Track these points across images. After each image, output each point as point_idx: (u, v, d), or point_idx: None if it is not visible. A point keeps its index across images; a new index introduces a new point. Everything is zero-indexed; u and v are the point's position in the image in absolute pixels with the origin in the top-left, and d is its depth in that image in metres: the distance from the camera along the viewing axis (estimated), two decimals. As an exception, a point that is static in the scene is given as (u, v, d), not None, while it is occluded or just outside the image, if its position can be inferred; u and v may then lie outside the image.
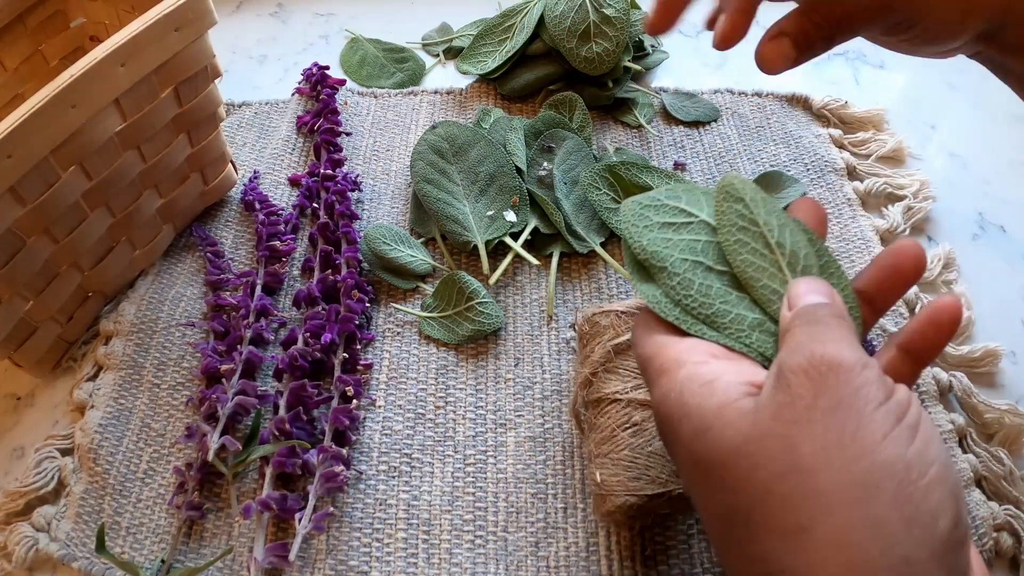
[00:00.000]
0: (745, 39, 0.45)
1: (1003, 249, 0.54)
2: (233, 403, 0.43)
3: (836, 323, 0.26)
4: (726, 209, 0.32)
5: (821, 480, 0.22)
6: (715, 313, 0.30)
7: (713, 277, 0.31)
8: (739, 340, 0.30)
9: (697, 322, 0.30)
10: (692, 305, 0.31)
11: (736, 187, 0.32)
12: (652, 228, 0.32)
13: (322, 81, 0.64)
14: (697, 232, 0.32)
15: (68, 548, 0.41)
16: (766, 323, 0.30)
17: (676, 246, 0.32)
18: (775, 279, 0.30)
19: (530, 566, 0.40)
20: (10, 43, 0.52)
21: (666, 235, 0.32)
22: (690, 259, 0.31)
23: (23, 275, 0.42)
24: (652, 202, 0.33)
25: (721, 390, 0.26)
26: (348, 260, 0.50)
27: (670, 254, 0.31)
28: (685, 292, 0.31)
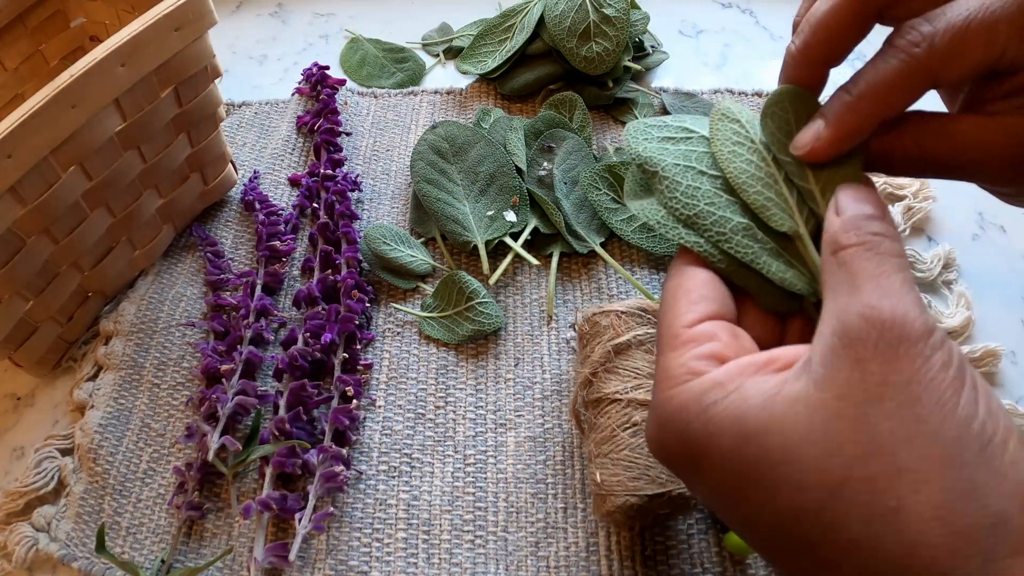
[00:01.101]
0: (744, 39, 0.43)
1: (1003, 249, 0.54)
2: (233, 403, 0.43)
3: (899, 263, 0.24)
4: (721, 127, 0.31)
5: (904, 457, 0.21)
6: (697, 214, 0.29)
7: (704, 180, 0.30)
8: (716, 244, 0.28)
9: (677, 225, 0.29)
10: (675, 206, 0.29)
11: (732, 110, 0.31)
12: (652, 140, 0.32)
13: (322, 81, 0.64)
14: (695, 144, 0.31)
15: (68, 548, 0.41)
16: (753, 229, 0.29)
17: (671, 154, 0.31)
18: (770, 188, 0.29)
19: (530, 566, 0.40)
20: (10, 43, 0.52)
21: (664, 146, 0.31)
22: (682, 164, 0.30)
23: (23, 275, 0.42)
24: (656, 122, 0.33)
25: (755, 390, 0.24)
26: (348, 260, 0.50)
27: (663, 160, 0.30)
28: (671, 194, 0.30)
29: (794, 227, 0.28)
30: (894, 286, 0.23)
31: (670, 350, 0.27)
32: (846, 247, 0.25)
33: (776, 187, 0.29)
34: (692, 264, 0.29)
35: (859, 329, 0.23)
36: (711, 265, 0.29)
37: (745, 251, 0.28)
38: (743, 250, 0.28)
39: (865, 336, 0.22)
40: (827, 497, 0.22)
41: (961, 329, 0.48)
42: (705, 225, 0.29)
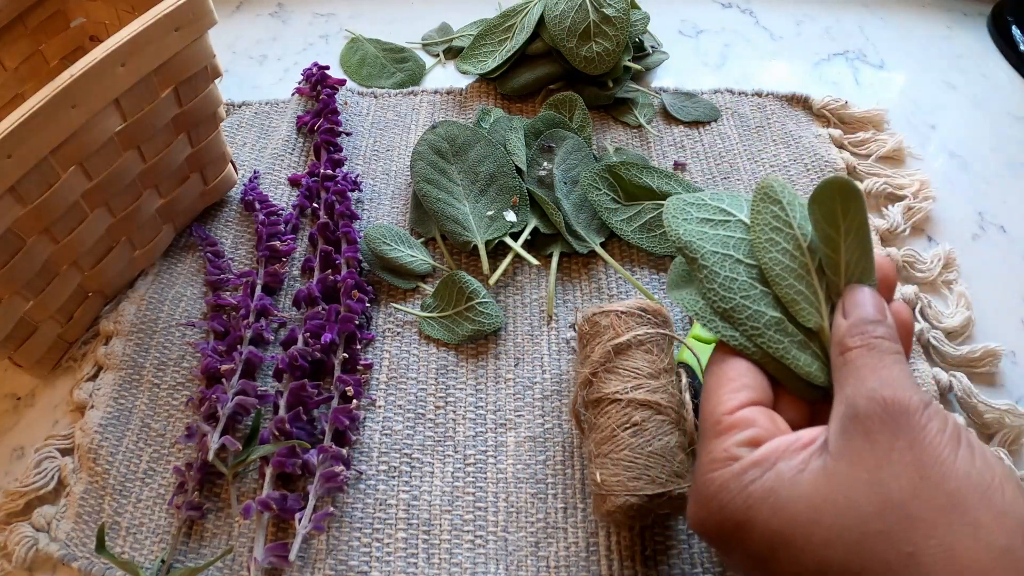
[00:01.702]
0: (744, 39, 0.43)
1: (1003, 249, 0.54)
2: (233, 403, 0.43)
3: (896, 358, 0.28)
4: (762, 209, 0.33)
5: (915, 508, 0.24)
6: (734, 307, 0.31)
7: (741, 270, 0.32)
8: (750, 338, 0.31)
9: (715, 317, 0.32)
10: (713, 298, 0.32)
11: (775, 189, 0.33)
12: (691, 222, 0.34)
13: (322, 81, 0.64)
14: (732, 229, 0.33)
15: (68, 548, 0.41)
16: (784, 323, 0.31)
17: (710, 239, 0.33)
18: (802, 281, 0.31)
19: (530, 566, 0.40)
20: (10, 43, 0.52)
21: (703, 229, 0.33)
22: (720, 251, 0.32)
23: (23, 275, 0.42)
24: (696, 200, 0.35)
25: (786, 466, 0.27)
26: (348, 260, 0.50)
27: (702, 245, 0.33)
28: (709, 284, 0.32)
29: (819, 323, 0.31)
30: (893, 375, 0.28)
31: (713, 436, 0.30)
32: (851, 348, 0.29)
33: (808, 279, 0.31)
34: (731, 353, 0.32)
35: (866, 408, 0.27)
36: (746, 355, 0.31)
37: (776, 346, 0.31)
38: (774, 345, 0.31)
39: (871, 413, 0.26)
40: (850, 550, 0.25)
41: (961, 329, 0.48)
42: (740, 319, 0.31)
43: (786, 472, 0.27)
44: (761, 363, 0.31)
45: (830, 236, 0.31)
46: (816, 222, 0.31)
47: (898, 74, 0.67)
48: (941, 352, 0.47)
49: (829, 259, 0.31)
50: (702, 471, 0.29)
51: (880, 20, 0.72)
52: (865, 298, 0.30)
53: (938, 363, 0.47)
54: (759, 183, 0.33)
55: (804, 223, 0.32)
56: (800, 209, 0.33)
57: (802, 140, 0.59)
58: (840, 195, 0.30)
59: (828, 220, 0.31)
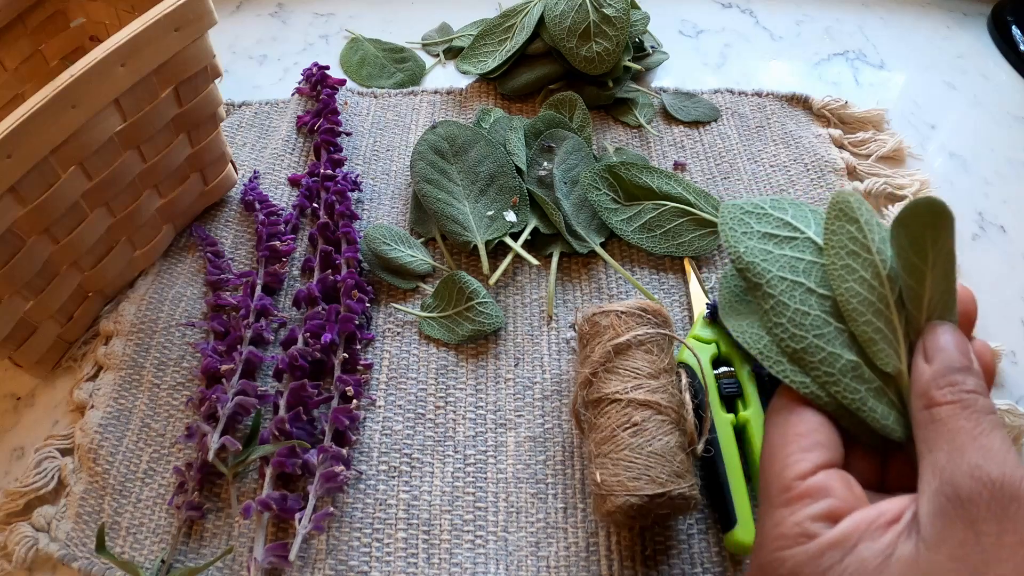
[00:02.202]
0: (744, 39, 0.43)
1: (1003, 249, 0.54)
2: (233, 403, 0.43)
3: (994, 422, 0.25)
4: (837, 229, 0.28)
5: None
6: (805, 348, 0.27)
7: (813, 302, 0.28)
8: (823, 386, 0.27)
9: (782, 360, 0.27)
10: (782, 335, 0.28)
11: (852, 206, 0.29)
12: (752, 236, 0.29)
13: (322, 81, 0.64)
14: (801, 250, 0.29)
15: (68, 548, 0.41)
16: (861, 368, 0.27)
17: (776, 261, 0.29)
18: (880, 317, 0.27)
19: (530, 566, 0.40)
20: (10, 43, 0.52)
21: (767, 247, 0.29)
22: (789, 278, 0.28)
23: (23, 275, 0.42)
24: (755, 209, 0.30)
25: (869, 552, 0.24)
26: (348, 260, 0.50)
27: (768, 269, 0.28)
28: (777, 319, 0.28)
29: (898, 366, 0.27)
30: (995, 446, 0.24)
31: (782, 505, 0.26)
32: (940, 404, 0.25)
33: (887, 314, 0.27)
34: (800, 403, 0.28)
35: (969, 490, 0.23)
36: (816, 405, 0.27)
37: (853, 396, 0.27)
38: (850, 395, 0.27)
39: (976, 497, 0.23)
40: None
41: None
42: (813, 363, 0.27)
43: (871, 559, 0.24)
44: (835, 415, 0.27)
45: (915, 265, 0.27)
46: (900, 248, 0.27)
47: (898, 74, 0.67)
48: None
49: (911, 291, 0.27)
50: (769, 547, 0.26)
51: (880, 20, 0.72)
52: (949, 340, 0.26)
53: (938, 363, 0.47)
54: (834, 197, 0.29)
55: (884, 247, 0.28)
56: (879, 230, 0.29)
57: (802, 140, 0.59)
58: (932, 219, 0.26)
59: (915, 247, 0.26)
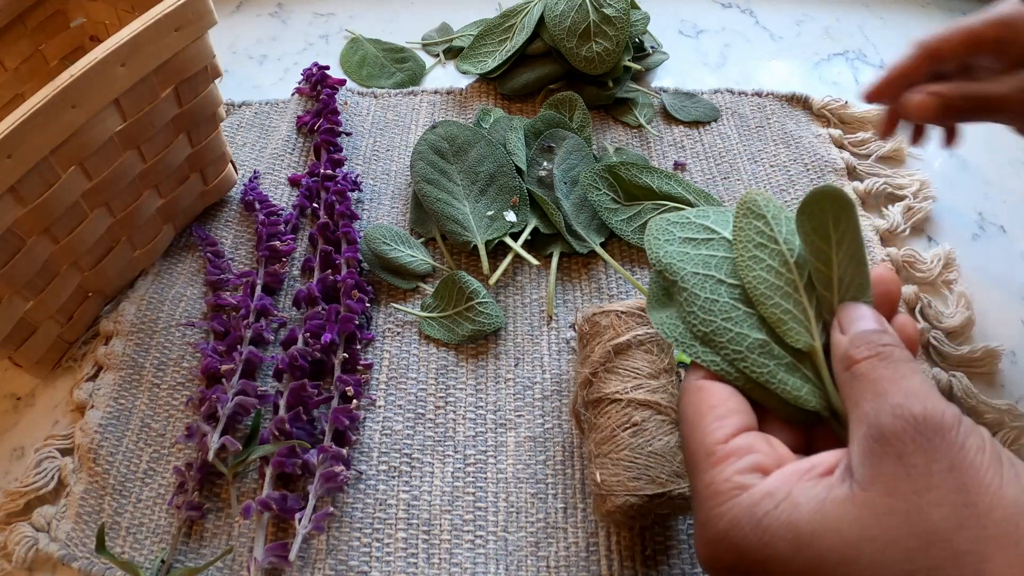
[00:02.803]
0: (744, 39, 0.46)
1: (1003, 249, 0.54)
2: (233, 403, 0.43)
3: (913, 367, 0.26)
4: (744, 225, 0.31)
5: (963, 541, 0.22)
6: (715, 331, 0.29)
7: (722, 291, 0.30)
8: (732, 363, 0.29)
9: (695, 344, 0.29)
10: (693, 321, 0.30)
11: (759, 203, 0.31)
12: (673, 242, 0.32)
13: (322, 81, 0.64)
14: (716, 248, 0.31)
15: (68, 548, 0.41)
16: (770, 345, 0.29)
17: (691, 260, 0.31)
18: (789, 299, 0.29)
19: (530, 566, 0.40)
20: (10, 43, 0.52)
21: (684, 249, 0.32)
22: (701, 272, 0.31)
23: (23, 275, 0.42)
24: (680, 219, 0.33)
25: (804, 497, 0.25)
26: (348, 260, 0.50)
27: (683, 267, 0.31)
28: (689, 308, 0.30)
29: (809, 342, 0.29)
30: (916, 386, 0.25)
31: (710, 467, 0.27)
32: (859, 361, 0.27)
33: (795, 296, 0.29)
34: (709, 378, 0.30)
35: (894, 427, 0.24)
36: (728, 380, 0.29)
37: (760, 370, 0.29)
38: (759, 369, 0.29)
39: (901, 432, 0.24)
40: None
41: (961, 329, 0.48)
42: (722, 343, 0.29)
43: (805, 503, 0.24)
44: (744, 389, 0.29)
45: (821, 249, 0.29)
46: (805, 235, 0.29)
47: (898, 74, 0.67)
48: (941, 352, 0.47)
49: (821, 274, 0.29)
50: (705, 507, 0.27)
51: (880, 20, 0.72)
52: (862, 312, 0.28)
53: (938, 363, 0.47)
54: (741, 198, 0.32)
55: (792, 238, 0.30)
56: (787, 223, 0.31)
57: (802, 140, 0.59)
58: (831, 205, 0.29)
59: (818, 232, 0.29)
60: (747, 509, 0.25)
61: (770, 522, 0.25)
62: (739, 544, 0.25)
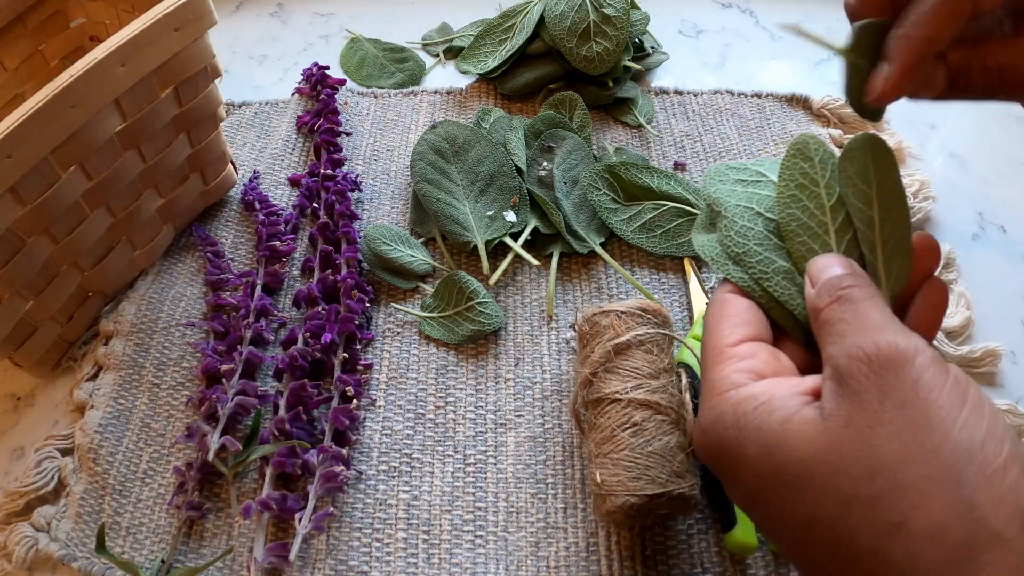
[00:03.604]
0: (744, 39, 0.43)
1: (1003, 249, 0.54)
2: (233, 403, 0.43)
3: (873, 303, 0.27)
4: (791, 165, 0.33)
5: (906, 476, 0.23)
6: (746, 252, 0.32)
7: (759, 222, 0.32)
8: (757, 281, 0.31)
9: (727, 261, 0.32)
10: (728, 244, 0.32)
11: (809, 146, 0.33)
12: (726, 182, 0.35)
13: (322, 81, 0.64)
14: (762, 188, 0.34)
15: (68, 548, 0.41)
16: (793, 274, 0.31)
17: (738, 196, 0.34)
18: (817, 239, 0.31)
19: (530, 566, 0.40)
20: (10, 43, 0.52)
21: (734, 188, 0.34)
22: (743, 205, 0.33)
23: (23, 275, 0.42)
24: (738, 166, 0.36)
25: (779, 405, 0.26)
26: (348, 260, 0.50)
27: (729, 201, 0.33)
28: (727, 232, 0.32)
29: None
30: (870, 323, 0.26)
31: (714, 364, 0.29)
32: (822, 308, 0.28)
33: (824, 237, 0.31)
34: (736, 293, 0.32)
35: (848, 367, 0.25)
36: (752, 297, 0.31)
37: (782, 291, 0.31)
38: (780, 289, 0.31)
39: (856, 371, 0.25)
40: (838, 511, 0.24)
41: (961, 329, 0.48)
42: (751, 263, 0.32)
43: (778, 411, 0.26)
44: (766, 307, 0.31)
45: (862, 191, 0.31)
46: (848, 178, 0.31)
47: (898, 74, 0.67)
48: (941, 352, 0.47)
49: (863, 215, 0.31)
50: (704, 400, 0.29)
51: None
52: (829, 261, 0.29)
53: (938, 363, 0.47)
54: (796, 138, 0.33)
55: (834, 183, 0.32)
56: (832, 169, 0.32)
57: (802, 140, 0.59)
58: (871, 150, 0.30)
59: (860, 175, 0.31)
60: (732, 405, 0.27)
61: (746, 422, 0.26)
62: (721, 436, 0.27)
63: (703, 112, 0.62)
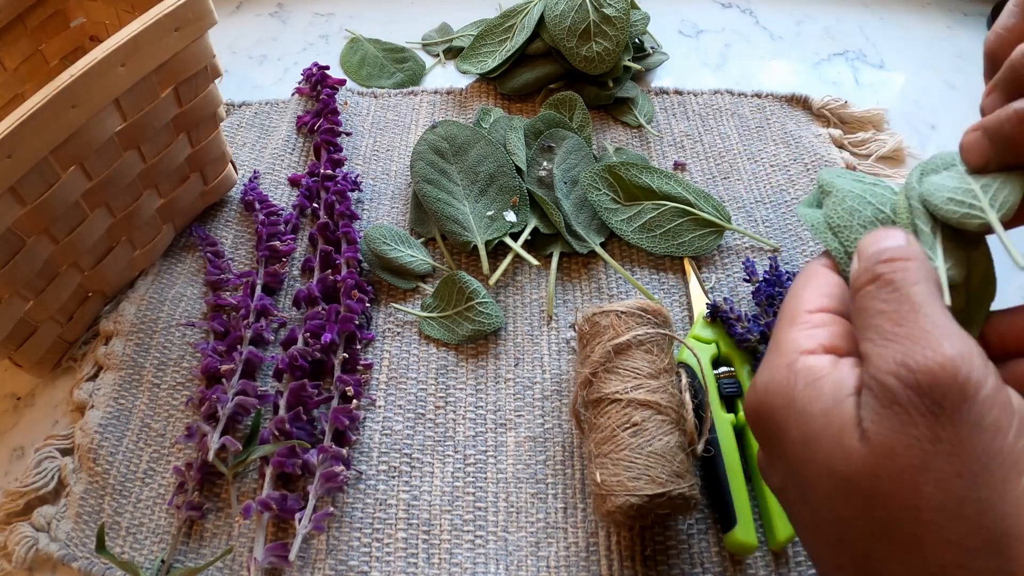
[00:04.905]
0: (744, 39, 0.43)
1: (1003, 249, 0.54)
2: (233, 403, 0.43)
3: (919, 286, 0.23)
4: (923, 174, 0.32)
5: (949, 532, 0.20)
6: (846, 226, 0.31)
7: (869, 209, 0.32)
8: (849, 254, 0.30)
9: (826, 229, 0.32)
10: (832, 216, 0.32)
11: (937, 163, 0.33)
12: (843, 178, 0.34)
13: (322, 81, 0.64)
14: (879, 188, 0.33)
15: (68, 548, 0.41)
16: None
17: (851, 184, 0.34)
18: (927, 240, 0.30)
19: (530, 566, 0.40)
20: (10, 43, 0.52)
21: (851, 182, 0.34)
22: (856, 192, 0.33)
23: (23, 275, 0.42)
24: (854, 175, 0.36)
25: (829, 389, 0.24)
26: (348, 260, 0.50)
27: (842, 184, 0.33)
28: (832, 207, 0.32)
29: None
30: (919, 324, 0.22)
31: (788, 326, 0.27)
32: (859, 289, 0.24)
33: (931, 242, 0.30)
34: (828, 266, 0.30)
35: (896, 391, 0.21)
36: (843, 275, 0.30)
37: None
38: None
39: (904, 398, 0.21)
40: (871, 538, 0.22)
41: (961, 329, 0.48)
42: (849, 237, 0.31)
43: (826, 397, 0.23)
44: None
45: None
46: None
47: (898, 74, 0.67)
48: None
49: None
50: (767, 357, 0.27)
51: (880, 20, 0.72)
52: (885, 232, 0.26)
53: (938, 363, 0.47)
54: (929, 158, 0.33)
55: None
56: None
57: (802, 140, 0.59)
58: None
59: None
60: (789, 372, 0.25)
61: (795, 397, 0.24)
62: (770, 403, 0.25)
63: (703, 112, 0.62)
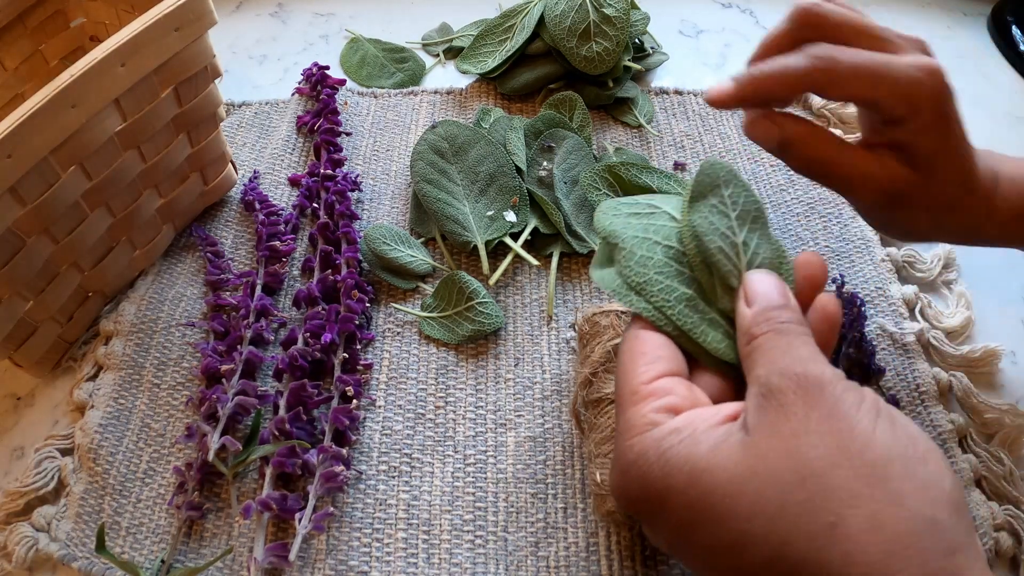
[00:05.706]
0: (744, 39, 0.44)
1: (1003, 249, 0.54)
2: (233, 403, 0.43)
3: (805, 339, 0.28)
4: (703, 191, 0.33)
5: (836, 478, 0.24)
6: (647, 282, 0.32)
7: (658, 251, 0.32)
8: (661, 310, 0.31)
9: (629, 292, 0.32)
10: (628, 274, 0.32)
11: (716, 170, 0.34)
12: (620, 216, 0.34)
13: (322, 81, 0.64)
14: (657, 219, 0.34)
15: (68, 548, 0.41)
16: (696, 300, 0.31)
17: (633, 227, 0.34)
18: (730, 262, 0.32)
19: (530, 566, 0.40)
20: (10, 43, 0.52)
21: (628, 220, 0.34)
22: (640, 236, 0.33)
23: (23, 275, 0.42)
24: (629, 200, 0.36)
25: (704, 437, 0.27)
26: (348, 260, 0.50)
27: (625, 232, 0.33)
28: (626, 263, 0.32)
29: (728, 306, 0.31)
30: (803, 354, 0.27)
31: (631, 405, 0.29)
32: (757, 336, 0.29)
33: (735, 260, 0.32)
34: (645, 329, 0.32)
35: (779, 384, 0.26)
36: (661, 329, 0.31)
37: (685, 320, 0.31)
38: (684, 319, 0.31)
39: (785, 387, 0.26)
40: (772, 522, 0.24)
41: (961, 329, 0.48)
42: (653, 292, 0.31)
43: (704, 442, 0.26)
44: (675, 338, 0.31)
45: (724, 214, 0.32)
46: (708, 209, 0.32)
47: (898, 74, 0.67)
48: (941, 352, 0.47)
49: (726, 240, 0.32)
50: (621, 440, 0.29)
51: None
52: (767, 285, 0.30)
53: (938, 363, 0.47)
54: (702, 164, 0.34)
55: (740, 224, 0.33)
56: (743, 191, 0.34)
57: (802, 140, 0.59)
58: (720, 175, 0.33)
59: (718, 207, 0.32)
60: (654, 442, 0.27)
61: (672, 455, 0.27)
62: (645, 474, 0.27)
63: (703, 112, 0.62)
